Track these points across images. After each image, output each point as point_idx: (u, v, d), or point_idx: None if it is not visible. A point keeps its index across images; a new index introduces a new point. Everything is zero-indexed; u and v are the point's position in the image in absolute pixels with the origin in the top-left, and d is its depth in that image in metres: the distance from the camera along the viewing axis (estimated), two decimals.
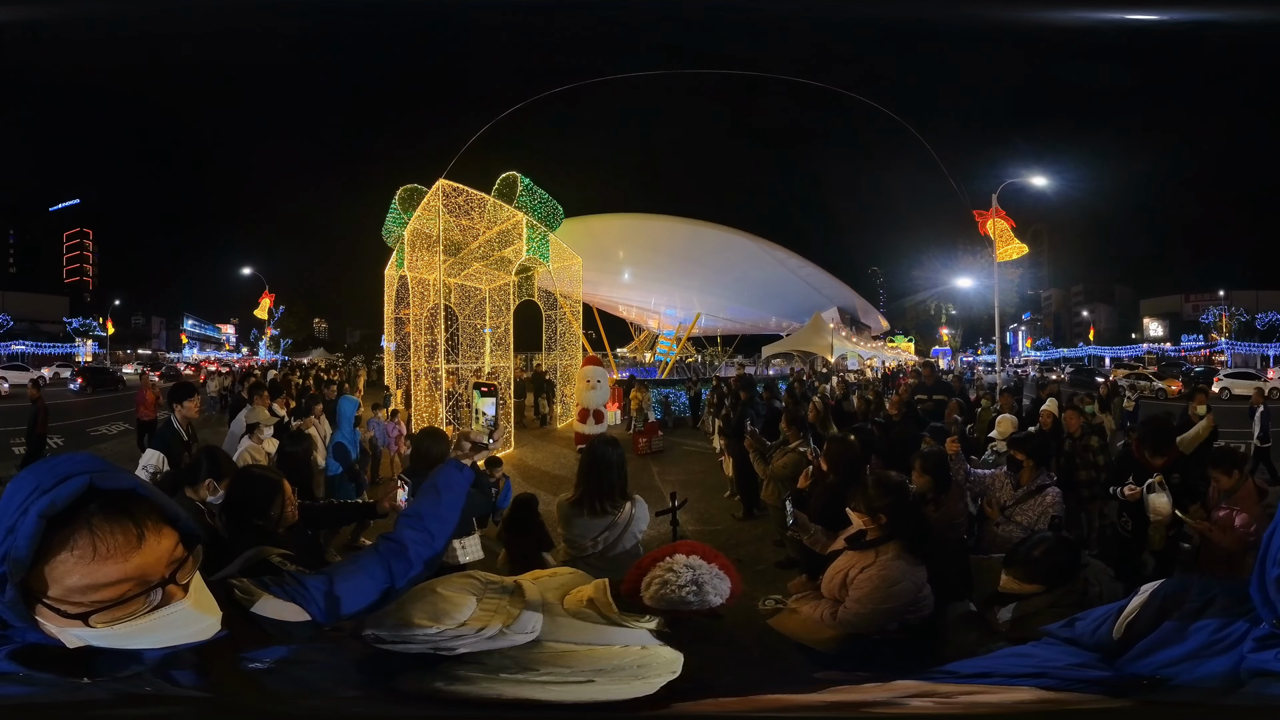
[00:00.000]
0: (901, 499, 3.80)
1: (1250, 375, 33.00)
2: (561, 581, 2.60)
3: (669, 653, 2.20)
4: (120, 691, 1.40)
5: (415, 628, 2.01)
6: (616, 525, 4.23)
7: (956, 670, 1.67)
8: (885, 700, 1.65)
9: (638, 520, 4.30)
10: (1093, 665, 1.61)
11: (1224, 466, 5.28)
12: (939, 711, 1.59)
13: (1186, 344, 60.26)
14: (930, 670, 1.68)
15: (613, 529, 4.22)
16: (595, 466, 4.32)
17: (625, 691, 2.00)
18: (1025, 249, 16.61)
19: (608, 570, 4.22)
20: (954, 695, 1.59)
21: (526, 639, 2.14)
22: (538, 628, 2.18)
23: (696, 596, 2.36)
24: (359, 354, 54.70)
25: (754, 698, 1.73)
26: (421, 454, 4.95)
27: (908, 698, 1.61)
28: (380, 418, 11.84)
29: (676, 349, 32.28)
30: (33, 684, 1.35)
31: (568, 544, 4.34)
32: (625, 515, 4.25)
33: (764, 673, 2.68)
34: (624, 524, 4.23)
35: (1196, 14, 5.41)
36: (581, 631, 2.24)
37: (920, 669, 1.69)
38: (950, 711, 1.58)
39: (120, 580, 1.34)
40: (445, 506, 2.20)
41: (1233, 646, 1.44)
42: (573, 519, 4.27)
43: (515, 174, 15.49)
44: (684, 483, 11.09)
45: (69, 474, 1.35)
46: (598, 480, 4.26)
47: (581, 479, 4.35)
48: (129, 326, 75.69)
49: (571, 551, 4.30)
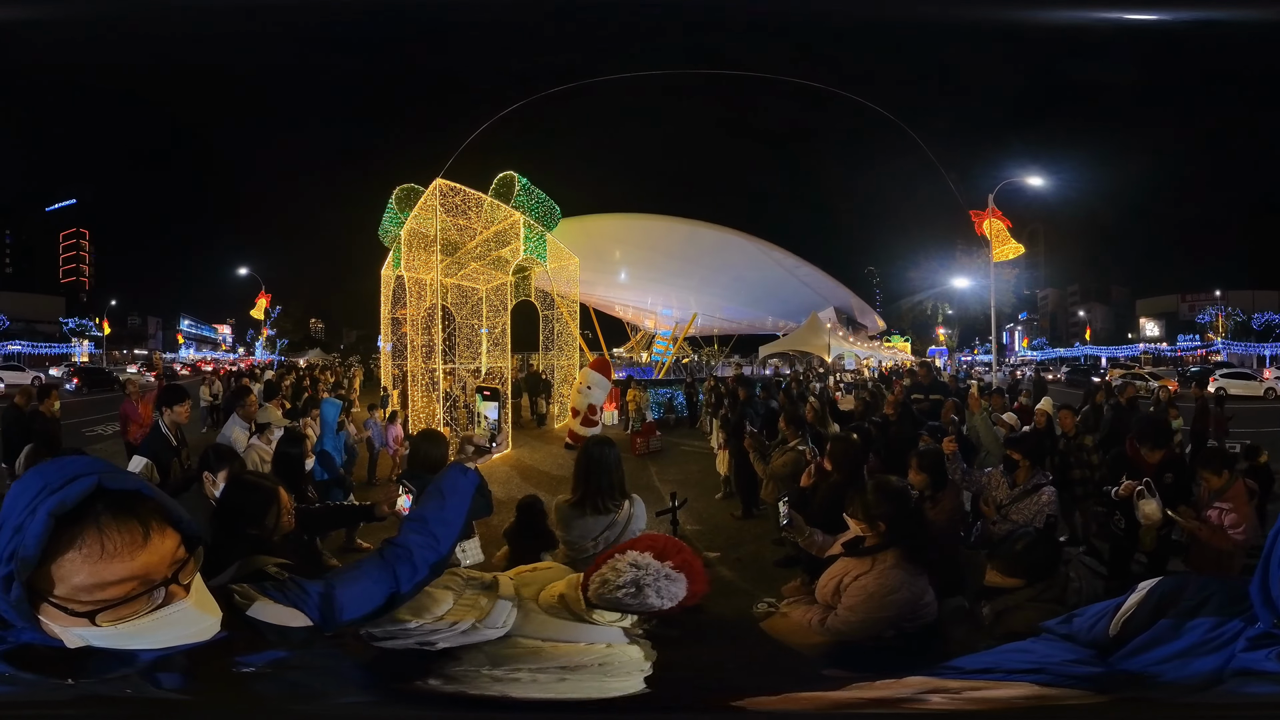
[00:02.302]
0: (902, 506, 3.72)
1: (1246, 375, 33.07)
2: (542, 576, 2.57)
3: (635, 652, 2.19)
4: (111, 693, 1.41)
5: (398, 623, 2.03)
6: (617, 524, 4.22)
7: (962, 666, 1.69)
8: (900, 697, 1.66)
9: (637, 519, 4.32)
10: (1087, 661, 1.62)
11: (1213, 466, 5.29)
12: (949, 708, 1.59)
13: (1183, 344, 60.46)
14: (938, 666, 1.70)
15: (613, 528, 4.21)
16: (591, 467, 4.33)
17: (592, 690, 2.01)
18: (1021, 249, 16.65)
19: None
20: (962, 691, 1.60)
21: (498, 633, 2.14)
22: (509, 622, 2.18)
23: (634, 599, 2.27)
24: (355, 354, 54.69)
25: (778, 696, 1.73)
26: (420, 457, 4.93)
27: (924, 694, 1.62)
28: (377, 418, 11.84)
29: (673, 349, 32.30)
30: (21, 684, 1.36)
31: (567, 546, 4.32)
32: (625, 514, 4.27)
33: (756, 675, 2.65)
34: (624, 523, 4.23)
35: (1193, 14, 5.42)
36: (552, 628, 2.24)
37: (925, 665, 1.70)
38: (958, 707, 1.59)
39: (126, 579, 1.35)
40: (450, 510, 2.18)
41: (1225, 645, 1.45)
42: (573, 520, 4.25)
43: (512, 174, 15.49)
44: (682, 483, 11.09)
45: (77, 474, 1.36)
46: (595, 481, 4.27)
47: (580, 481, 4.32)
48: (125, 327, 75.68)
49: (571, 554, 4.28)
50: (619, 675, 2.09)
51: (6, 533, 1.31)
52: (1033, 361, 62.37)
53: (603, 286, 30.84)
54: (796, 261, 35.43)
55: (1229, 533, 5.04)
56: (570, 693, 2.00)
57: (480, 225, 14.59)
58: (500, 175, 15.48)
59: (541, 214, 15.89)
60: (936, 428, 8.72)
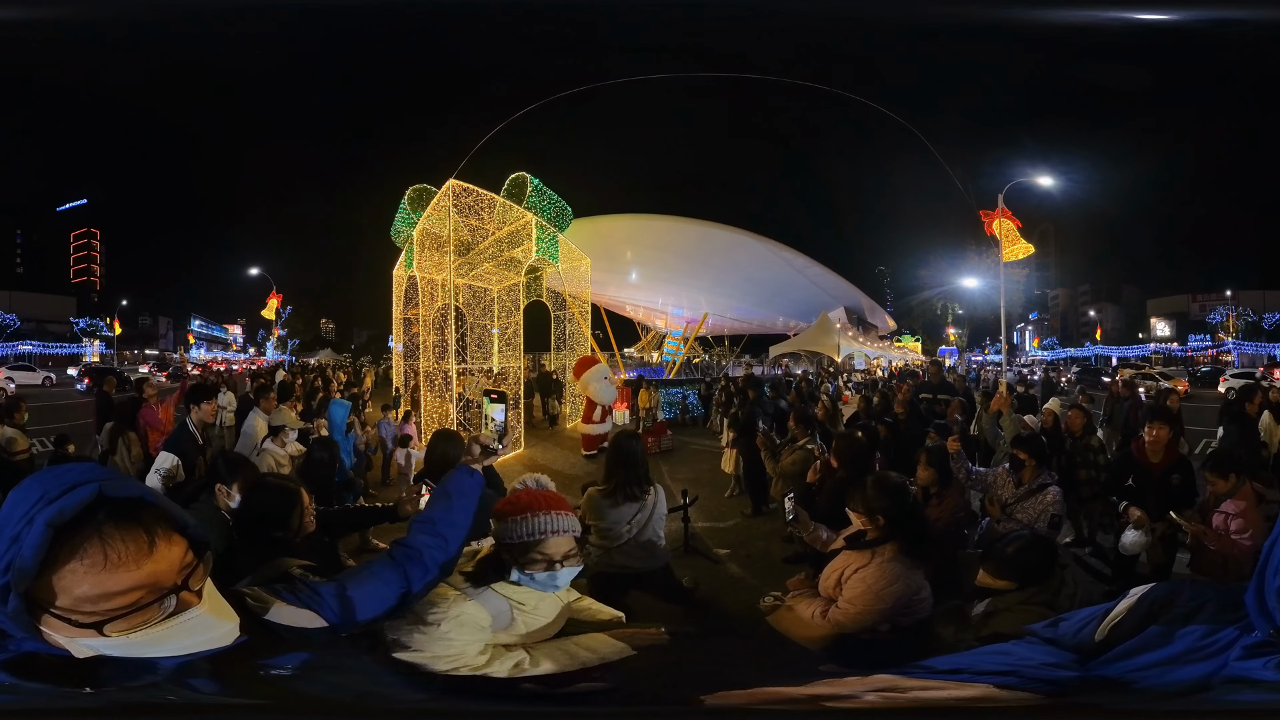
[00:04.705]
0: (900, 500, 3.77)
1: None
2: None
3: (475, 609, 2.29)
4: (114, 700, 1.41)
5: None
6: (646, 508, 4.52)
7: (933, 666, 1.69)
8: (854, 693, 1.68)
9: (660, 505, 4.58)
10: (1065, 666, 1.62)
11: (1220, 470, 5.27)
12: (883, 705, 1.61)
13: (1193, 344, 60.11)
14: (909, 665, 1.69)
15: (643, 512, 4.51)
16: (623, 459, 4.61)
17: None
18: (1031, 249, 16.56)
19: (639, 555, 4.44)
20: (907, 690, 1.61)
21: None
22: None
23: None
24: (366, 355, 54.67)
25: (742, 691, 1.74)
26: (436, 457, 4.99)
27: (883, 691, 1.63)
28: (390, 419, 11.91)
29: (684, 349, 32.28)
30: (23, 694, 1.36)
31: (600, 534, 4.52)
32: (653, 499, 4.53)
33: (762, 669, 2.71)
34: (651, 507, 4.47)
35: (1204, 13, 5.45)
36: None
37: (900, 664, 1.71)
38: (894, 705, 1.60)
39: (132, 588, 1.34)
40: (457, 511, 2.25)
41: (1219, 653, 1.45)
42: (607, 509, 4.50)
43: (525, 175, 15.48)
44: (693, 481, 11.16)
45: (76, 482, 1.35)
46: (628, 471, 4.53)
47: (613, 471, 4.61)
48: (136, 327, 75.82)
49: (604, 542, 4.50)
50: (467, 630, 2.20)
51: (3, 543, 1.30)
52: (1042, 361, 62.09)
53: (614, 287, 30.80)
54: (807, 261, 35.32)
55: (1235, 537, 5.02)
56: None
57: (492, 226, 14.62)
58: (513, 176, 15.49)
59: (554, 215, 15.92)
60: (943, 426, 8.79)
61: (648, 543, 4.53)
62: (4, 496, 1.39)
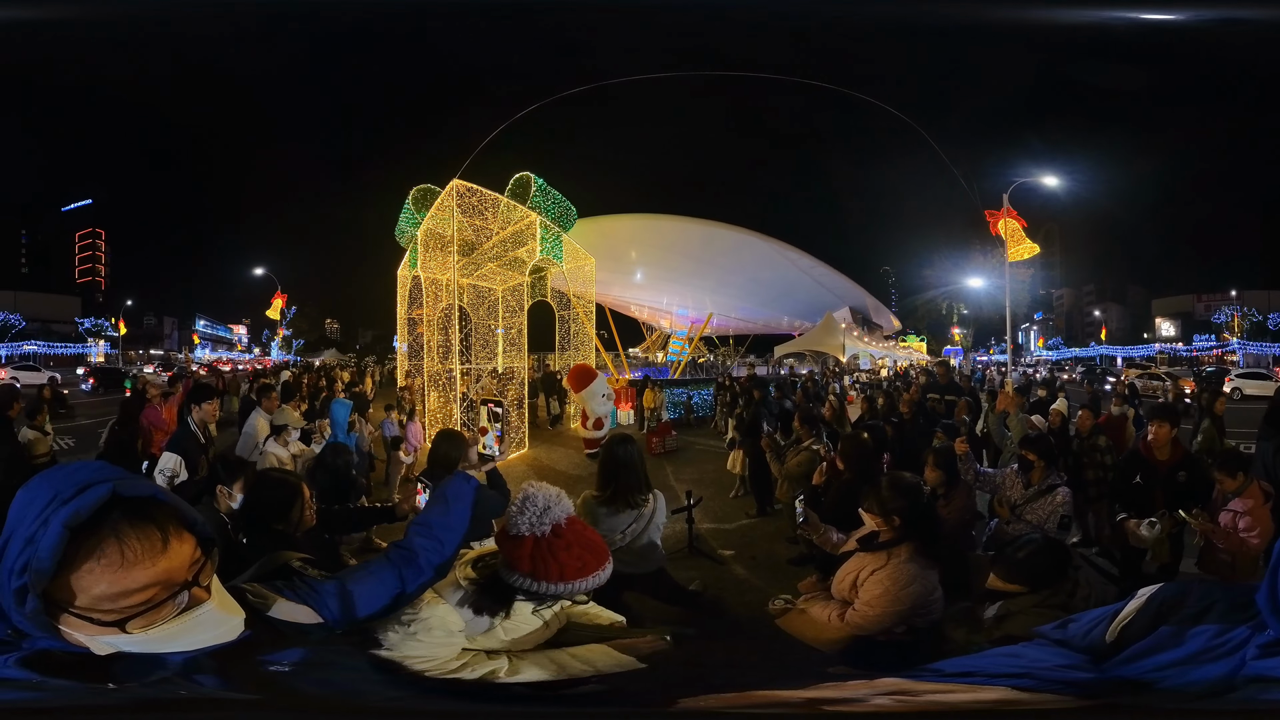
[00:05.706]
0: (916, 500, 3.75)
1: (1263, 375, 32.80)
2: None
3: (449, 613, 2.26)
4: (134, 696, 1.40)
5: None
6: (642, 517, 4.41)
7: (942, 669, 1.64)
8: (859, 697, 1.64)
9: (659, 513, 4.50)
10: (1079, 667, 1.59)
11: (1229, 469, 5.26)
12: (897, 709, 1.57)
13: (1198, 344, 60.06)
14: (919, 668, 1.65)
15: (639, 521, 4.41)
16: (617, 466, 4.50)
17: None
18: (1037, 249, 16.56)
19: (635, 562, 4.37)
20: (920, 694, 1.57)
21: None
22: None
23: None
24: (371, 354, 54.81)
25: (744, 694, 1.70)
26: (438, 457, 5.00)
27: (890, 695, 1.59)
28: (392, 419, 11.90)
29: (689, 349, 32.29)
30: (45, 690, 1.33)
31: None
32: (650, 508, 4.44)
33: (770, 672, 2.68)
34: (649, 516, 4.41)
35: (1208, 13, 5.43)
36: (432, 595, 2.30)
37: (909, 667, 1.66)
38: (908, 709, 1.56)
39: (148, 585, 1.35)
40: (454, 516, 2.25)
41: (1233, 652, 1.40)
42: (601, 516, 4.41)
43: (529, 174, 15.48)
44: (698, 481, 11.13)
45: (88, 482, 1.34)
46: (624, 478, 4.45)
47: (608, 478, 4.51)
48: (141, 327, 76.16)
49: None
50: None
51: (17, 545, 1.29)
52: (1047, 361, 62.05)
53: (619, 287, 30.80)
54: (812, 261, 35.33)
55: (1243, 536, 5.00)
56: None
57: (497, 226, 14.62)
58: (517, 176, 15.49)
59: (558, 214, 15.92)
60: (950, 426, 8.76)
61: (643, 548, 4.48)
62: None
